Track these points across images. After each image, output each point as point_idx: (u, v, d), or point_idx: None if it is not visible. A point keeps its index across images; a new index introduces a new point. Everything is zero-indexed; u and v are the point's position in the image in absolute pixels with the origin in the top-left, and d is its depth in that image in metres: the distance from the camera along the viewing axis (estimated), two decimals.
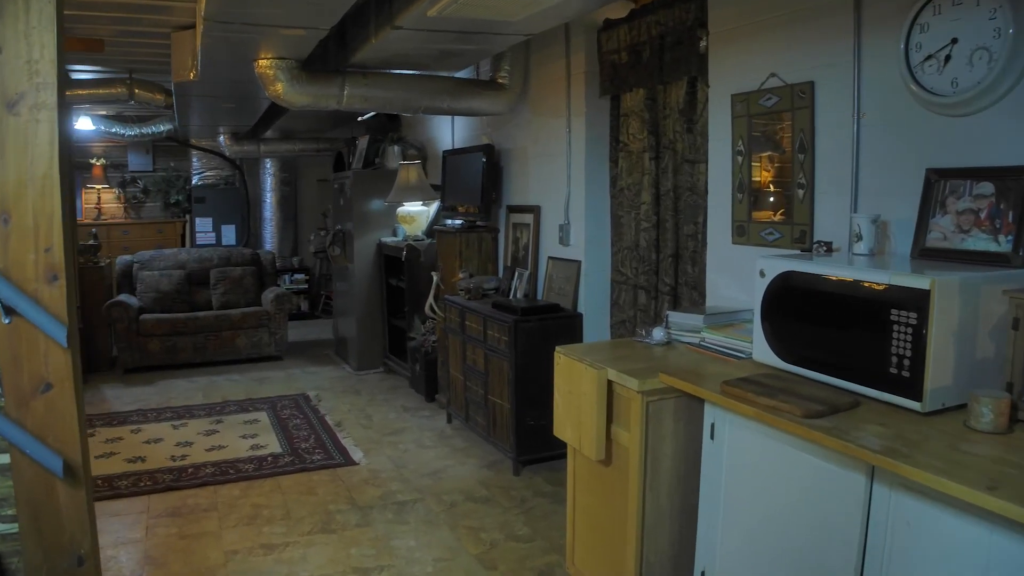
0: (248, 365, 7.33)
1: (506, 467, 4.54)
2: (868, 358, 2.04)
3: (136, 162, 9.69)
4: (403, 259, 6.39)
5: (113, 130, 8.36)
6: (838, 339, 2.16)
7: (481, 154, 5.35)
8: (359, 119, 7.84)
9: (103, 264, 7.38)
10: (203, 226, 9.56)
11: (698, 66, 3.46)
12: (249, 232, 9.87)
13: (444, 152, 6.10)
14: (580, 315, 4.57)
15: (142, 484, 4.41)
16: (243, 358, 7.42)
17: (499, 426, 4.63)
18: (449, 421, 5.46)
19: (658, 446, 2.58)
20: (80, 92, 6.42)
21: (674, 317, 3.11)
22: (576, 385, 2.79)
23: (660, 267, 3.98)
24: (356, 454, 4.85)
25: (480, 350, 4.81)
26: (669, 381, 2.45)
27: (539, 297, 4.98)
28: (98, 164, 9.44)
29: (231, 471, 4.58)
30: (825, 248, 2.65)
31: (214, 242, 9.56)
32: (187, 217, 9.74)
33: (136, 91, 6.43)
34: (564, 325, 4.55)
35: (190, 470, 4.61)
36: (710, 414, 2.40)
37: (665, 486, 2.61)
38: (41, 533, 2.27)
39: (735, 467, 2.32)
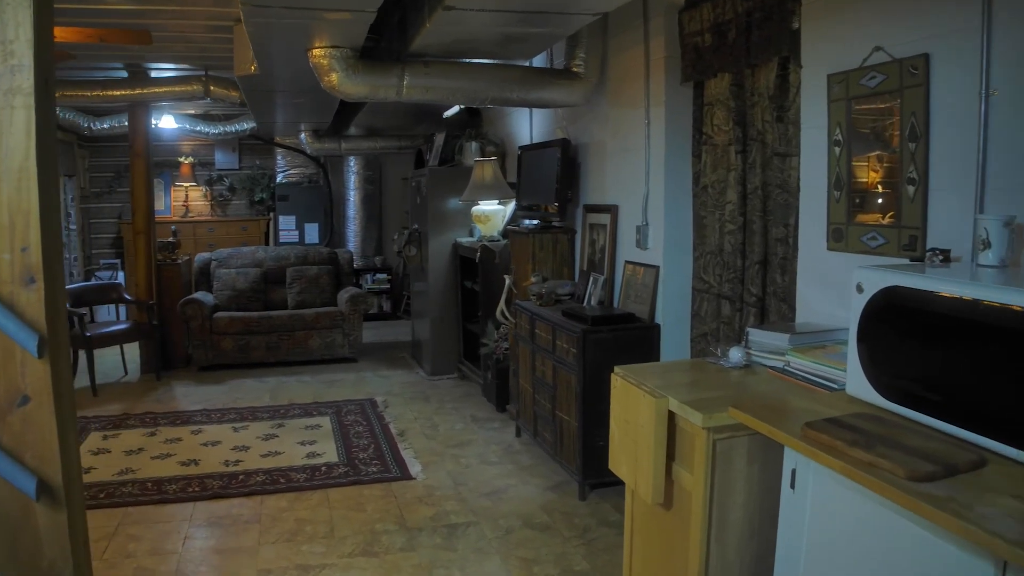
0: (321, 366, 7.19)
1: (572, 490, 4.16)
2: (998, 402, 1.57)
3: (223, 160, 9.77)
4: (477, 261, 6.10)
5: (198, 128, 8.41)
6: (956, 374, 1.69)
7: (557, 149, 4.99)
8: (444, 115, 7.62)
9: (180, 261, 7.38)
10: (286, 224, 9.54)
11: (790, 44, 2.99)
12: (332, 230, 9.80)
13: (520, 148, 5.76)
14: (657, 326, 4.14)
15: (190, 490, 4.25)
16: (316, 359, 7.29)
17: (566, 445, 4.25)
18: (518, 435, 5.12)
19: (726, 492, 2.15)
20: (157, 90, 6.41)
21: (755, 335, 2.67)
22: (633, 414, 2.39)
23: (746, 275, 3.52)
24: (414, 467, 4.56)
25: (549, 361, 4.44)
26: (740, 417, 2.03)
27: (615, 305, 4.58)
28: (186, 162, 9.56)
29: (281, 480, 4.37)
30: (941, 257, 2.16)
31: (297, 240, 9.54)
32: (271, 215, 9.74)
33: (211, 88, 6.37)
34: (639, 337, 4.13)
35: (241, 477, 4.42)
36: (791, 458, 1.97)
37: (734, 539, 2.18)
38: (17, 558, 2.04)
39: (821, 525, 1.88)
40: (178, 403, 6.05)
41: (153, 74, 6.51)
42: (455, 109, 7.25)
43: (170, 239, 7.49)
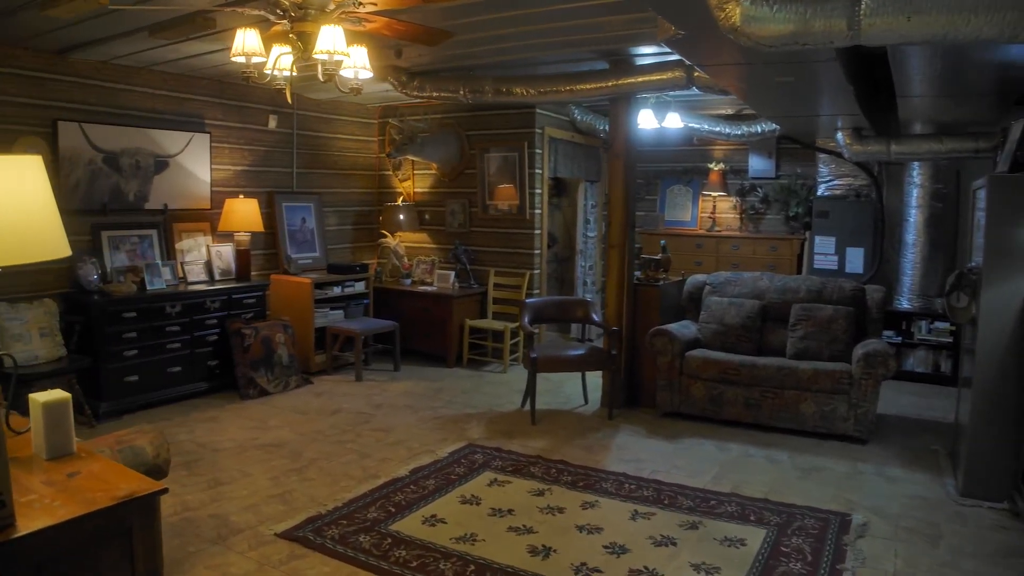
0: (809, 442, 5.34)
1: None
2: None
3: (758, 167, 8.34)
4: None
5: (717, 129, 7.20)
6: None
7: None
8: None
9: (663, 283, 6.27)
10: (823, 247, 7.69)
11: None
12: (881, 259, 7.60)
13: None
14: None
15: None
16: (806, 430, 5.46)
17: None
18: None
19: None
20: (634, 80, 5.41)
21: None
22: None
23: None
24: None
25: None
26: None
27: None
28: (716, 169, 8.40)
29: None
30: None
31: (835, 267, 7.63)
32: (806, 234, 7.98)
33: (695, 74, 5.09)
34: None
35: None
36: None
37: None
38: None
39: None
40: (604, 456, 4.99)
41: (638, 61, 5.51)
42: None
43: (656, 256, 6.45)
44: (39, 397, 2.26)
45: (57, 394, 2.29)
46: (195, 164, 6.45)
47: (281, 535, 3.76)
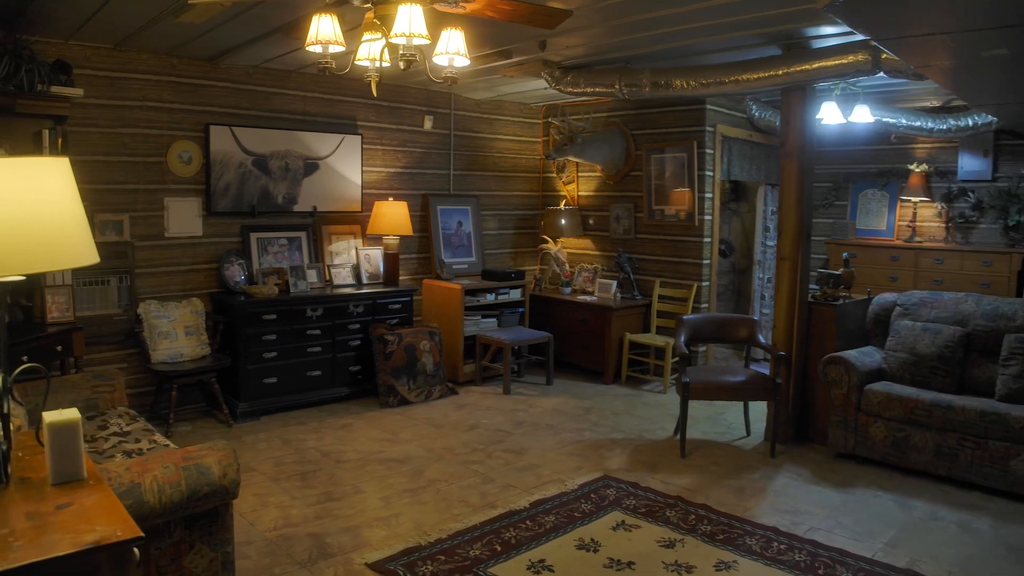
0: (1020, 506, 4.35)
1: None
2: None
3: (969, 168, 7.10)
4: None
5: (917, 124, 6.19)
6: None
7: None
8: None
9: (843, 302, 5.41)
10: None
11: None
12: None
13: None
14: None
15: None
16: (1018, 493, 4.44)
17: None
18: None
19: None
20: (808, 67, 4.67)
21: None
22: None
23: None
24: None
25: None
26: None
27: None
28: (917, 170, 7.26)
29: None
30: None
31: None
32: None
33: (883, 56, 4.30)
34: None
35: None
36: None
37: None
38: None
39: None
40: (756, 503, 4.30)
41: (815, 44, 4.76)
42: None
43: (837, 270, 5.60)
44: (48, 416, 2.07)
45: (67, 414, 2.09)
46: (346, 166, 6.41)
47: (371, 565, 3.48)
